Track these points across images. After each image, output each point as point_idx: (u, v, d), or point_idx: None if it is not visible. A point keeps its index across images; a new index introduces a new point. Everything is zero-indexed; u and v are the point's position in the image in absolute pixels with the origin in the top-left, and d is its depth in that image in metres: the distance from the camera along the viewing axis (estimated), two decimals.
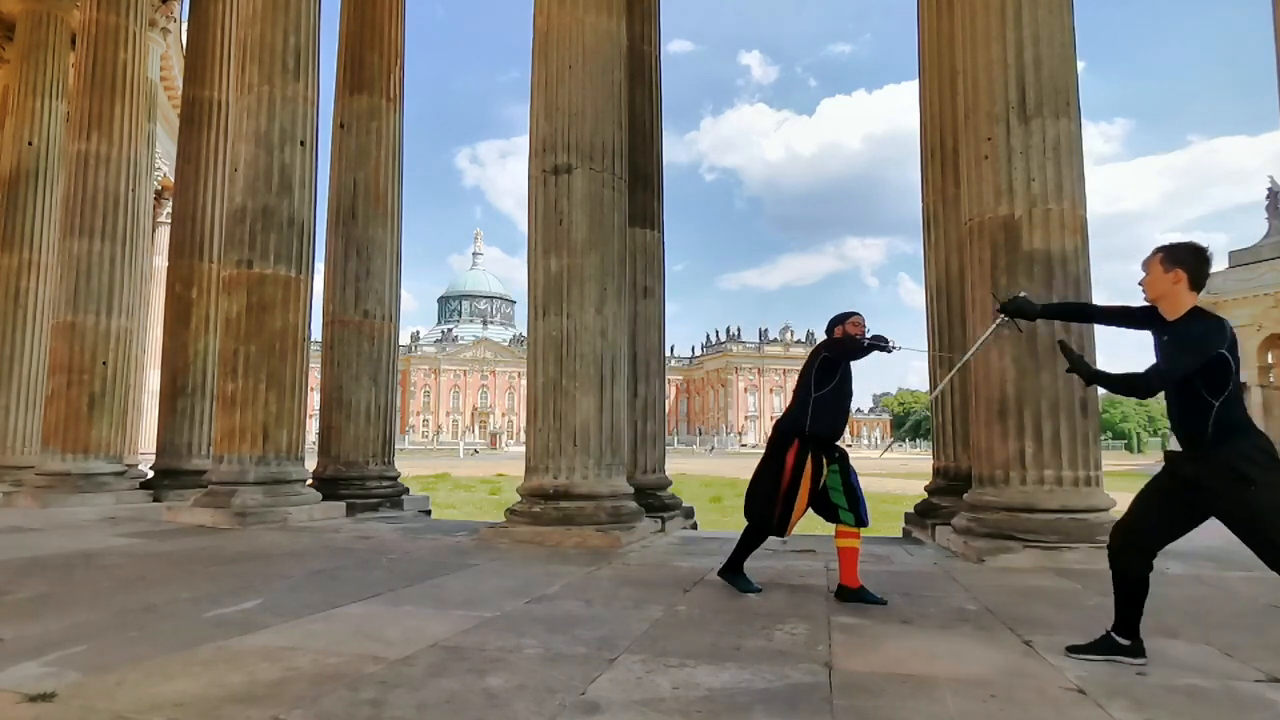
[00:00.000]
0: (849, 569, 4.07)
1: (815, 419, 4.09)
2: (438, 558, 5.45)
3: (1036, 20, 5.79)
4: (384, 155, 9.62)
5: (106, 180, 10.05)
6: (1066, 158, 5.71)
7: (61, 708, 2.30)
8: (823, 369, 4.14)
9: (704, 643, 3.15)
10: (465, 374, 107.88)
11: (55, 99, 11.97)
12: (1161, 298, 2.78)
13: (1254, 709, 2.40)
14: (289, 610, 3.61)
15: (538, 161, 6.79)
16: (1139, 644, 2.82)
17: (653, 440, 8.33)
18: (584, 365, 6.44)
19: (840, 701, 2.44)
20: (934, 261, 7.69)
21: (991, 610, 3.83)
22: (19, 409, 11.32)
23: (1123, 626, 2.83)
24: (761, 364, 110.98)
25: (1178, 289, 2.74)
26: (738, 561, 4.34)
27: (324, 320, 9.44)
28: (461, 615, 3.61)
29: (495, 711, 2.31)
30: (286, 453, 7.77)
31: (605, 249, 6.66)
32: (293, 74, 8.00)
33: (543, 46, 6.91)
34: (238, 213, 7.88)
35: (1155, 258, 2.80)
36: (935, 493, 7.48)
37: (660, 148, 8.76)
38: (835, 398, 4.16)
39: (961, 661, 2.91)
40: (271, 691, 2.46)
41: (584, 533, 6.02)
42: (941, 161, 7.62)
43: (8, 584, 4.23)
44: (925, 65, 7.96)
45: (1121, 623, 2.83)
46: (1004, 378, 5.61)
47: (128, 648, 2.95)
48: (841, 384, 4.17)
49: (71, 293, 9.84)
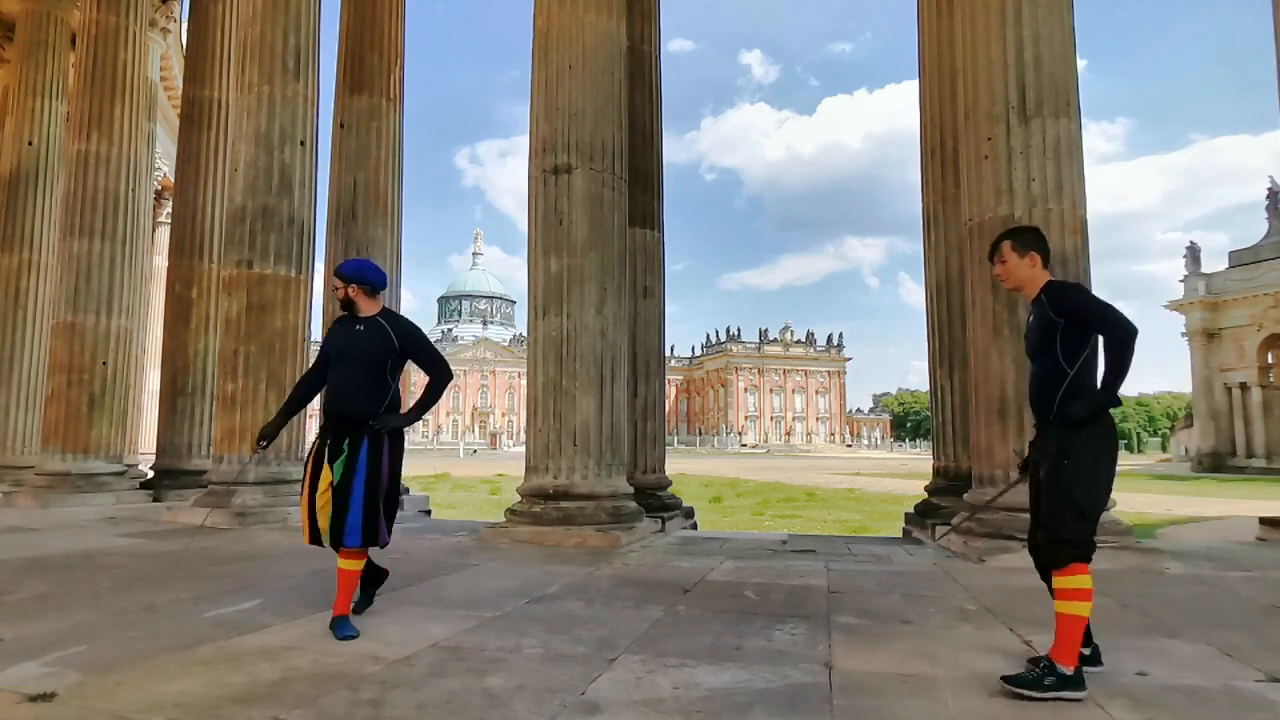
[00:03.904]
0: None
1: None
2: (437, 557, 5.45)
3: (1036, 20, 5.79)
4: (384, 155, 9.62)
5: (106, 180, 10.05)
6: (1066, 157, 5.71)
7: (61, 708, 2.30)
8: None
9: (704, 643, 3.15)
10: (465, 374, 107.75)
11: (55, 99, 11.97)
12: (1026, 282, 2.86)
13: (1254, 709, 2.40)
14: (289, 610, 3.61)
15: (538, 161, 6.79)
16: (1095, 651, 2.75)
17: (653, 440, 8.33)
18: (584, 365, 6.44)
19: (840, 701, 2.44)
20: (934, 261, 7.70)
21: (991, 610, 3.83)
22: (19, 409, 11.31)
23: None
24: (761, 364, 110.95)
25: (1035, 270, 2.85)
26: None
27: (324, 320, 9.43)
28: (461, 615, 3.61)
29: (495, 711, 2.31)
30: (287, 453, 7.77)
31: (605, 249, 6.66)
32: (293, 74, 8.00)
33: (543, 46, 6.91)
34: (238, 213, 7.88)
35: (1005, 245, 2.90)
36: (935, 493, 7.48)
37: (660, 148, 8.76)
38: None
39: (961, 661, 2.91)
40: (271, 691, 2.46)
41: (584, 533, 6.01)
42: (941, 161, 7.62)
43: (8, 584, 4.23)
44: (925, 65, 7.97)
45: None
46: (1004, 378, 5.61)
47: (128, 648, 2.95)
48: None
49: (71, 293, 9.83)
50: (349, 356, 3.38)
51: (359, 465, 3.26)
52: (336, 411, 3.35)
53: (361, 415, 3.32)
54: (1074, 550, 2.54)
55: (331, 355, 3.43)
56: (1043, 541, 2.63)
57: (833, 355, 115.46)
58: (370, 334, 3.39)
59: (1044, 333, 2.71)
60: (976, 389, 5.92)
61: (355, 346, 3.38)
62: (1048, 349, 2.69)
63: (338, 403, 3.35)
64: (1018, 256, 2.86)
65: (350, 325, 3.44)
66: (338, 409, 3.34)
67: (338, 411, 3.34)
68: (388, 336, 3.41)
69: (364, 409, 3.33)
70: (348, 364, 3.37)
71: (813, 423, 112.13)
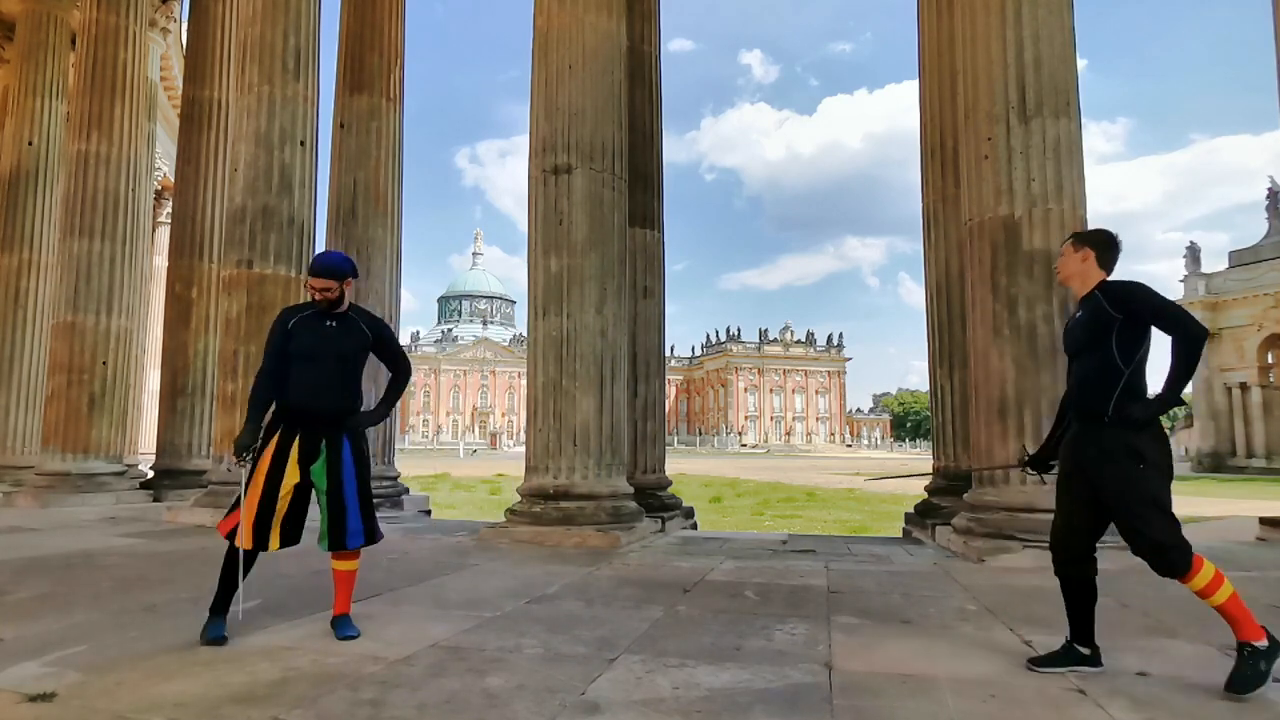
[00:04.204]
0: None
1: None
2: (438, 557, 5.45)
3: (1036, 20, 5.79)
4: (384, 155, 9.62)
5: (106, 180, 10.05)
6: (1066, 157, 5.71)
7: (61, 708, 2.30)
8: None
9: (704, 643, 3.15)
10: (465, 374, 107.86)
11: (55, 99, 11.97)
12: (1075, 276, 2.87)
13: (1254, 709, 2.39)
14: (289, 610, 3.61)
15: (538, 161, 6.79)
16: (1096, 652, 2.77)
17: (653, 440, 8.33)
18: (584, 365, 6.44)
19: (840, 701, 2.44)
20: (934, 261, 7.70)
21: (991, 610, 3.83)
22: (19, 409, 11.32)
23: (1078, 634, 2.79)
24: (761, 364, 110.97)
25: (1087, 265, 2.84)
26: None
27: None
28: (461, 615, 3.61)
29: (495, 711, 2.31)
30: None
31: (605, 249, 6.66)
32: (293, 74, 8.00)
33: (543, 46, 6.91)
34: (238, 213, 7.88)
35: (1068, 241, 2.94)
36: (935, 493, 7.48)
37: (660, 148, 8.76)
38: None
39: (961, 661, 2.91)
40: (271, 691, 2.46)
41: (584, 533, 6.01)
42: (941, 161, 7.62)
43: (8, 584, 4.23)
44: (925, 65, 7.97)
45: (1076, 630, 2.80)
46: (1004, 378, 5.61)
47: (128, 648, 2.95)
48: None
49: (71, 293, 9.84)
50: (322, 354, 3.24)
51: (346, 466, 3.21)
52: (309, 409, 3.20)
53: (338, 413, 3.24)
54: (1179, 553, 2.52)
55: (298, 353, 3.22)
56: (1144, 552, 2.56)
57: (833, 355, 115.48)
58: (344, 331, 3.29)
59: (1097, 329, 2.68)
60: (976, 389, 5.92)
61: (328, 343, 3.25)
62: (1099, 346, 2.66)
63: (310, 400, 3.20)
64: (1072, 249, 2.87)
65: (319, 322, 3.27)
66: (311, 406, 3.20)
67: (310, 409, 3.20)
68: (363, 333, 3.33)
69: (341, 406, 3.25)
70: (321, 361, 3.23)
71: (813, 423, 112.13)
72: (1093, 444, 2.66)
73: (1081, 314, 2.79)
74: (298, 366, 3.23)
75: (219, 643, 2.98)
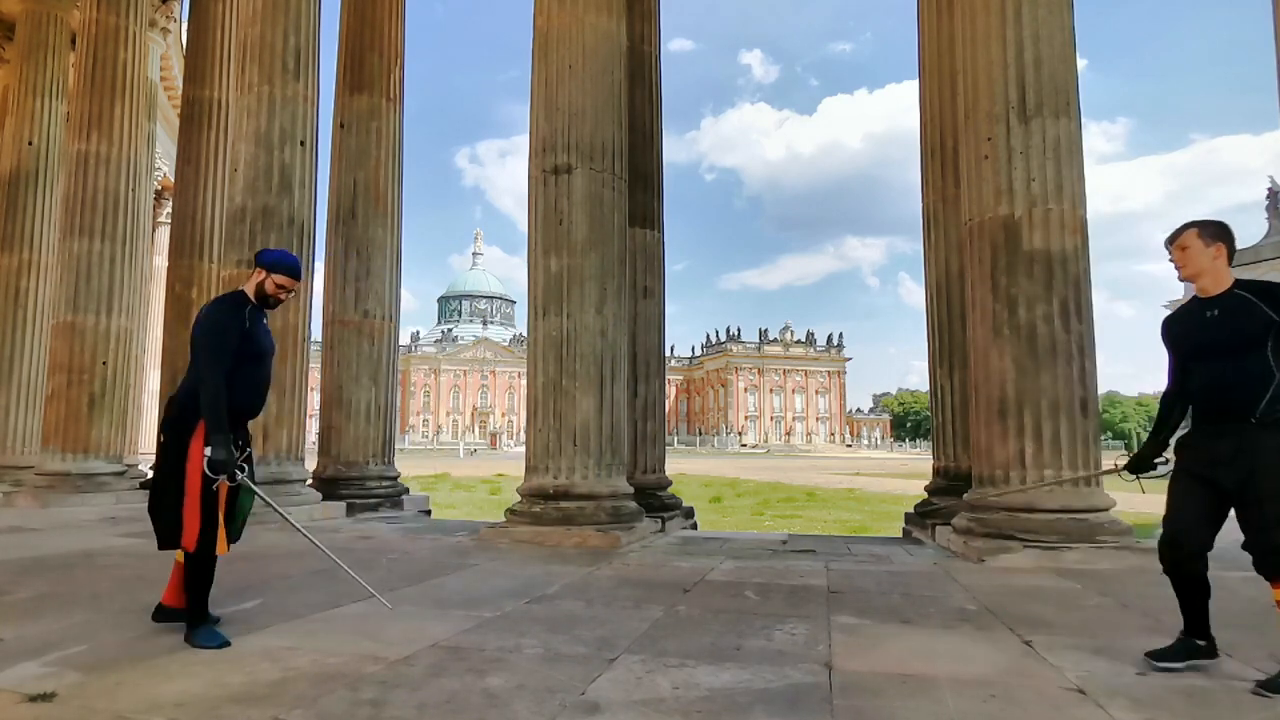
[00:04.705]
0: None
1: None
2: (438, 558, 5.44)
3: (1036, 20, 5.79)
4: (384, 155, 9.63)
5: (106, 180, 10.05)
6: (1066, 157, 5.72)
7: (61, 708, 2.30)
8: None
9: (704, 643, 3.15)
10: (465, 374, 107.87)
11: (55, 99, 11.97)
12: (1205, 273, 2.77)
13: (1254, 709, 2.39)
14: (289, 610, 3.62)
15: (538, 161, 6.79)
16: (1213, 643, 2.82)
17: (653, 440, 8.33)
18: (584, 365, 6.44)
19: (840, 701, 2.44)
20: (934, 261, 7.70)
21: (991, 610, 3.82)
22: (19, 409, 11.31)
23: (1194, 628, 2.83)
24: (761, 364, 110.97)
25: (1219, 263, 2.76)
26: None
27: (324, 320, 9.44)
28: (461, 615, 3.60)
29: (495, 711, 2.31)
30: (287, 453, 7.76)
31: (605, 249, 6.66)
32: (293, 74, 8.00)
33: (543, 46, 6.91)
34: (238, 213, 7.88)
35: (1190, 231, 2.79)
36: (935, 493, 7.48)
37: (660, 148, 8.76)
38: None
39: (961, 661, 2.91)
40: (271, 691, 2.45)
41: (584, 533, 6.01)
42: (941, 161, 7.62)
43: (8, 584, 4.23)
44: (925, 65, 7.97)
45: (1192, 625, 2.84)
46: (1004, 378, 5.61)
47: (128, 648, 2.95)
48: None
49: (71, 293, 9.83)
50: (269, 353, 3.33)
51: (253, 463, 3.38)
52: (254, 411, 3.30)
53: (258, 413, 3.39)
54: None
55: (252, 353, 3.18)
56: (1265, 549, 2.63)
57: (832, 355, 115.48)
58: (268, 330, 3.39)
59: (1255, 330, 2.64)
60: (976, 389, 5.92)
61: (271, 343, 3.37)
62: (1255, 347, 2.63)
63: (259, 401, 3.31)
64: (1202, 245, 2.76)
65: (261, 320, 3.30)
66: (257, 407, 3.31)
67: (255, 411, 3.31)
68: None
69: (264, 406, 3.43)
70: (267, 361, 3.32)
71: (813, 423, 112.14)
72: (1248, 447, 2.64)
73: (1219, 313, 2.71)
74: (250, 367, 3.18)
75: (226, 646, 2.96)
